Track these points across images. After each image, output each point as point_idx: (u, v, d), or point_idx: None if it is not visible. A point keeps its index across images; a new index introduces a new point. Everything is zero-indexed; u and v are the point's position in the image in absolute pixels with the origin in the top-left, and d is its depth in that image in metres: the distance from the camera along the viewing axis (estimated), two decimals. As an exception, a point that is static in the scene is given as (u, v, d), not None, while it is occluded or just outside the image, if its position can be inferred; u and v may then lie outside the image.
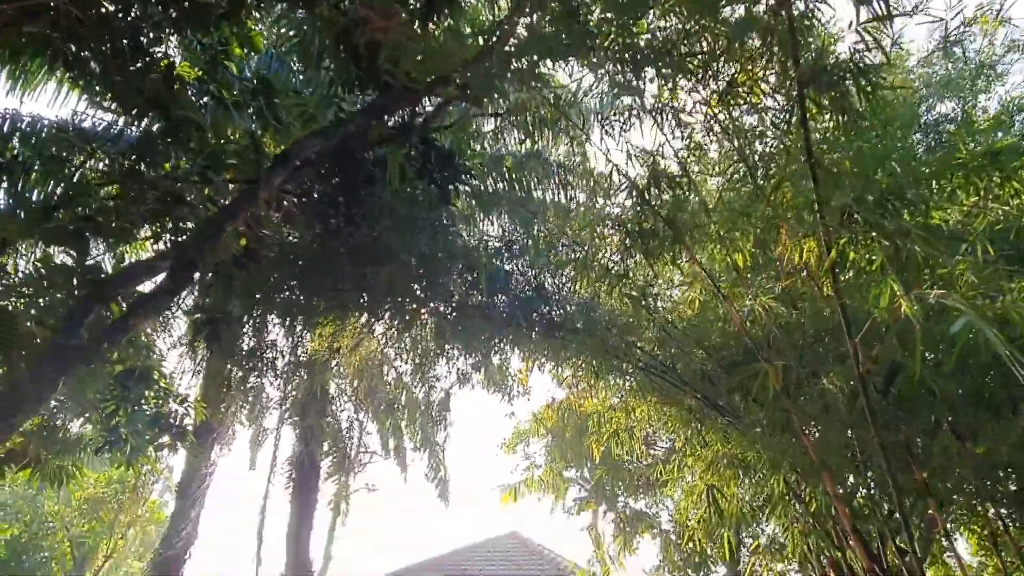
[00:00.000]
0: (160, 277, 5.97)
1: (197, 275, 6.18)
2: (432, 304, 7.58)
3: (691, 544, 9.67)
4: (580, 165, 8.54)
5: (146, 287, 6.46)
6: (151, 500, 21.87)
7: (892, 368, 4.32)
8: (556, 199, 8.67)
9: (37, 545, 20.58)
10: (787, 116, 4.91)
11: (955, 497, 5.99)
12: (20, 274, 6.94)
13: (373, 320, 8.34)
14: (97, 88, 6.19)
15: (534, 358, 8.41)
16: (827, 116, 4.51)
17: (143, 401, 7.84)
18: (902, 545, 5.82)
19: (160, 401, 8.21)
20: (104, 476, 23.03)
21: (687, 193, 5.52)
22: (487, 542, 24.97)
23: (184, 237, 6.57)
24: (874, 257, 3.92)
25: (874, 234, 3.77)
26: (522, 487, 19.85)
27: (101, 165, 7.00)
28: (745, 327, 5.42)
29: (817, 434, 5.02)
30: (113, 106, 6.45)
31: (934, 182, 4.53)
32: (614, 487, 15.18)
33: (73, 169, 6.84)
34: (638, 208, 5.58)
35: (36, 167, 6.59)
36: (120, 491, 21.77)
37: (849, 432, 4.91)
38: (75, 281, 6.75)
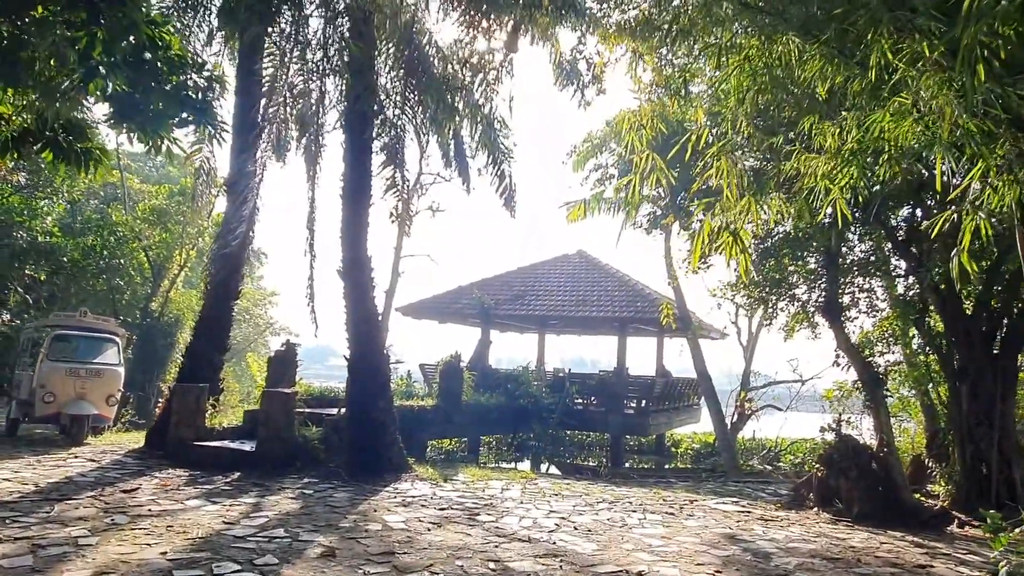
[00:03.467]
0: None
1: None
2: None
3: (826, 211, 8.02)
4: None
5: None
6: (216, 213, 21.64)
7: None
8: None
9: (112, 252, 21.01)
10: None
11: None
12: None
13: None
14: None
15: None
16: None
17: (129, 38, 6.22)
18: None
19: (177, 72, 6.79)
20: (165, 188, 22.82)
21: None
22: (555, 259, 24.55)
23: None
24: None
25: None
26: (591, 202, 18.43)
27: None
28: None
29: None
30: None
31: None
32: (691, 199, 13.30)
33: None
34: None
35: None
36: (182, 203, 21.59)
37: None
38: None
